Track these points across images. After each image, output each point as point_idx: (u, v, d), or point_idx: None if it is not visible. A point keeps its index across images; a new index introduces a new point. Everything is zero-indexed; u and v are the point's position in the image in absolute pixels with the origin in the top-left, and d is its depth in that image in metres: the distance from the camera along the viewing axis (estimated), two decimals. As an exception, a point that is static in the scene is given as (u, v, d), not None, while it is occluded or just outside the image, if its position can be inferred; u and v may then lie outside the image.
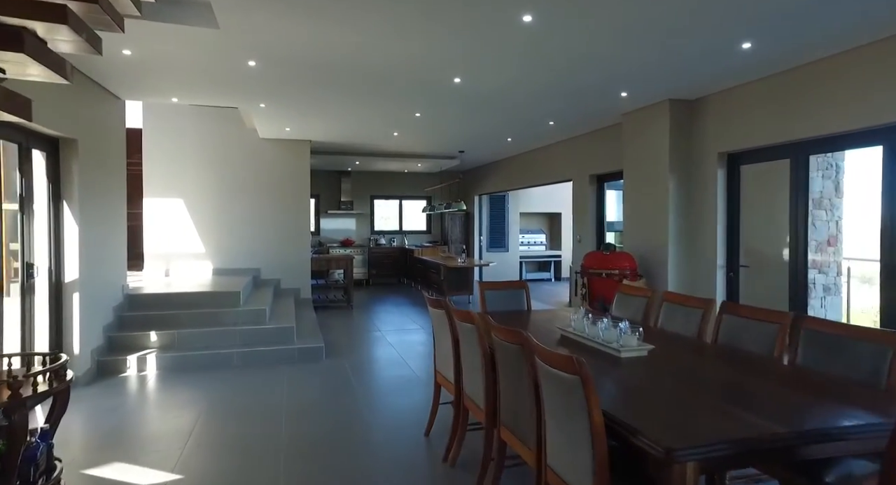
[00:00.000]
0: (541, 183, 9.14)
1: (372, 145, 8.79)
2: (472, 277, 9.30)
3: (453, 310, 2.98)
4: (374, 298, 9.97)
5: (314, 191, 11.75)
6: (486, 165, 11.40)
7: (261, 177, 7.94)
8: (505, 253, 12.50)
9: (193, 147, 7.59)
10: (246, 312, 5.70)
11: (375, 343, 6.24)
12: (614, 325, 2.69)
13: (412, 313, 8.24)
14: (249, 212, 7.89)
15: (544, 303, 9.28)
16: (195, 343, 5.23)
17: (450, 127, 7.06)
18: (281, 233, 8.04)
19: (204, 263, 7.67)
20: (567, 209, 13.59)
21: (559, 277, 13.21)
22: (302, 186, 8.15)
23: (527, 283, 4.15)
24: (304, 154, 8.15)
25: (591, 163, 7.33)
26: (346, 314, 8.18)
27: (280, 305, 6.89)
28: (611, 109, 5.92)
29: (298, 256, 8.13)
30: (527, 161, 9.40)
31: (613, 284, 5.45)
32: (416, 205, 12.94)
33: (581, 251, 7.61)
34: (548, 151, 8.56)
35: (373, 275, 11.82)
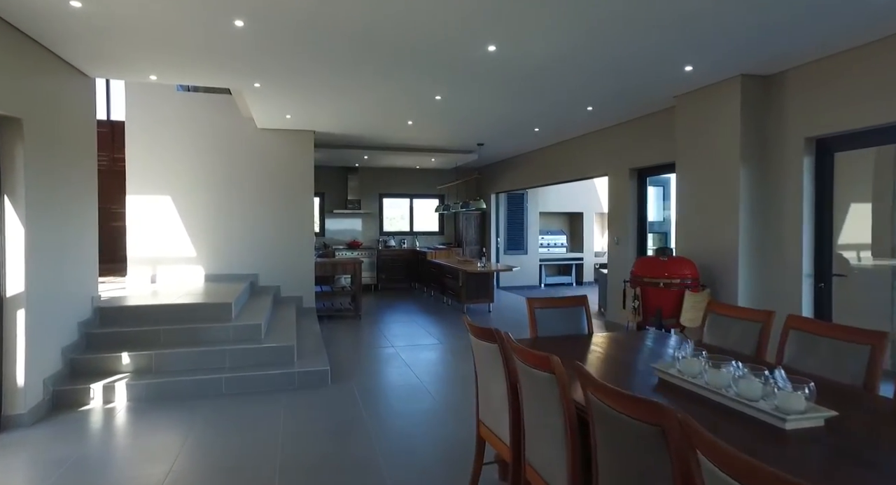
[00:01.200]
0: (569, 179, 8.27)
1: (383, 137, 7.96)
2: (492, 283, 8.44)
3: (515, 347, 2.11)
4: (383, 305, 9.13)
5: (319, 189, 10.95)
6: (505, 161, 10.53)
7: (259, 172, 7.11)
8: (523, 256, 11.65)
9: (183, 138, 6.78)
10: (238, 328, 4.86)
11: (388, 362, 5.39)
12: (756, 373, 1.82)
13: (426, 323, 7.39)
14: (246, 211, 7.07)
15: None
16: (176, 366, 4.40)
17: (472, 114, 6.20)
18: (281, 235, 7.22)
19: (195, 268, 6.85)
20: (589, 209, 12.74)
21: (581, 282, 12.33)
22: (305, 183, 7.31)
23: (586, 298, 3.28)
24: (308, 147, 7.32)
25: (632, 155, 6.45)
26: (354, 325, 7.33)
27: (279, 318, 6.06)
28: (663, 91, 5.05)
29: (301, 261, 7.31)
30: (554, 155, 8.53)
31: (672, 296, 4.58)
32: (428, 204, 12.09)
33: (619, 255, 6.74)
34: (580, 143, 7.68)
35: (382, 279, 10.98)
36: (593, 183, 12.34)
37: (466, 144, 8.64)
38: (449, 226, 12.22)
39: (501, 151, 9.32)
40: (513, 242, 11.59)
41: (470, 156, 9.43)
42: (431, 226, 12.20)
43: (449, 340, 6.37)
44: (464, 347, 5.97)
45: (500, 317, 7.94)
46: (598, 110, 5.94)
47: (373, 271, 10.89)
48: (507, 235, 11.52)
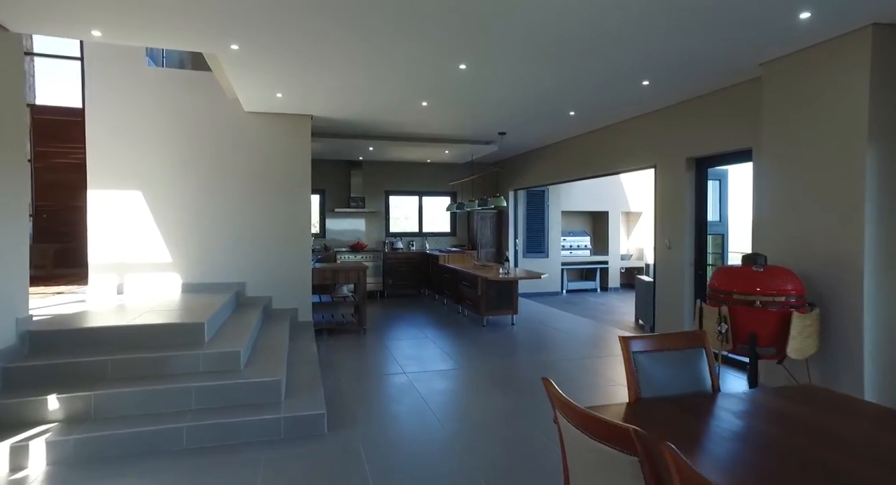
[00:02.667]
0: (605, 172, 7.18)
1: (391, 124, 6.90)
2: (515, 291, 7.37)
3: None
4: (390, 315, 8.08)
5: (319, 185, 9.91)
6: (526, 154, 9.45)
7: (248, 164, 6.07)
8: (544, 259, 10.58)
9: (156, 123, 5.74)
10: (211, 357, 3.81)
11: (400, 395, 4.33)
12: None
13: (441, 340, 6.33)
14: (232, 210, 6.03)
15: (597, 320, 7.35)
16: (124, 410, 3.35)
17: (500, 92, 5.14)
18: (273, 237, 6.17)
19: (170, 276, 5.81)
20: (615, 207, 11.62)
21: (605, 287, 11.26)
22: (301, 177, 6.27)
23: (704, 336, 2.20)
24: (304, 134, 6.27)
25: (691, 142, 5.37)
26: (358, 342, 6.28)
27: (268, 338, 5.01)
28: (747, 57, 3.97)
29: (296, 268, 6.26)
30: (588, 145, 7.45)
31: (772, 319, 3.51)
32: (439, 202, 11.03)
33: (670, 261, 5.66)
34: (622, 129, 6.60)
35: (388, 285, 9.93)
36: (619, 179, 11.27)
37: (486, 134, 7.58)
38: (462, 226, 11.16)
39: (524, 141, 8.25)
40: (533, 243, 10.53)
41: (488, 147, 8.37)
42: (443, 226, 11.14)
43: (470, 364, 5.30)
44: (490, 375, 4.91)
45: (526, 332, 6.88)
46: (654, 86, 4.86)
47: (378, 276, 9.84)
48: (526, 236, 10.45)
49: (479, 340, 6.40)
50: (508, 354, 5.69)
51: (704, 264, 5.45)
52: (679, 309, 5.58)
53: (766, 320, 3.52)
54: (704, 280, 5.45)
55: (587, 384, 4.60)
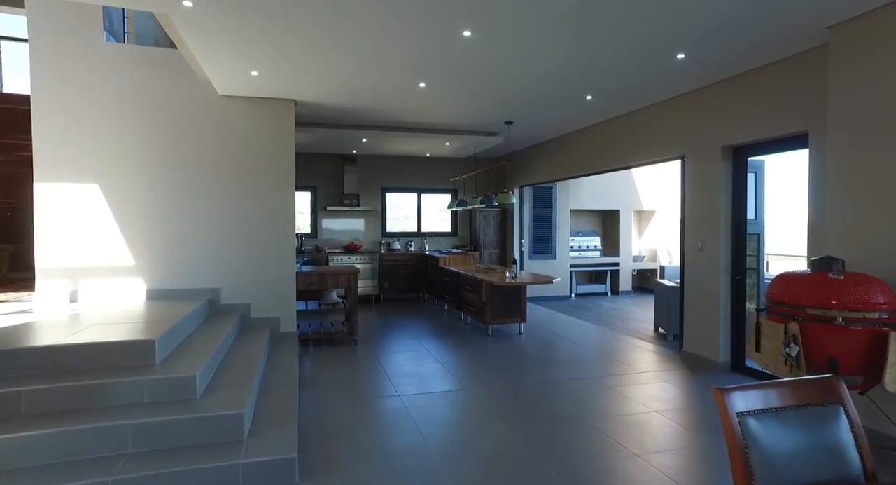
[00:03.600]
0: (624, 165, 6.47)
1: (386, 112, 6.19)
2: (523, 297, 6.66)
3: None
4: (386, 322, 7.36)
5: (310, 181, 9.22)
6: (534, 147, 8.74)
7: (222, 155, 5.36)
8: (551, 261, 9.88)
9: (116, 108, 5.03)
10: (159, 384, 3.10)
11: (393, 427, 3.62)
12: None
13: (441, 353, 5.62)
14: (204, 206, 5.32)
15: (612, 328, 6.62)
16: (36, 458, 2.64)
17: (508, 70, 4.43)
18: (253, 237, 5.46)
19: (133, 281, 5.10)
20: (627, 205, 10.87)
21: (616, 291, 10.55)
22: (284, 169, 5.56)
23: (840, 386, 1.48)
24: (287, 121, 5.56)
25: (729, 127, 4.66)
26: (348, 356, 5.57)
27: (240, 354, 4.30)
28: (813, 19, 3.27)
29: (278, 272, 5.55)
30: (604, 135, 6.73)
31: (858, 340, 2.81)
32: (439, 200, 10.32)
33: (701, 265, 4.95)
34: (645, 116, 5.88)
35: (385, 289, 9.22)
36: (631, 175, 10.57)
37: (490, 123, 6.87)
38: (463, 226, 10.45)
39: (532, 133, 7.54)
40: (539, 244, 9.81)
41: (492, 139, 7.66)
42: (443, 226, 10.42)
43: (474, 383, 4.59)
44: (498, 400, 4.19)
45: (536, 342, 6.16)
46: (691, 61, 4.15)
47: (374, 279, 9.13)
48: (532, 236, 9.74)
49: (484, 352, 5.69)
50: (518, 371, 4.98)
51: (744, 269, 4.74)
52: (712, 319, 4.87)
53: (851, 341, 2.80)
54: (743, 287, 4.74)
55: (617, 411, 3.88)
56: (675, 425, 3.63)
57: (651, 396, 4.23)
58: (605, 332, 6.86)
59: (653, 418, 3.73)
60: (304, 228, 9.50)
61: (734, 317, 4.80)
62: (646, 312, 8.59)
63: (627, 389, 4.40)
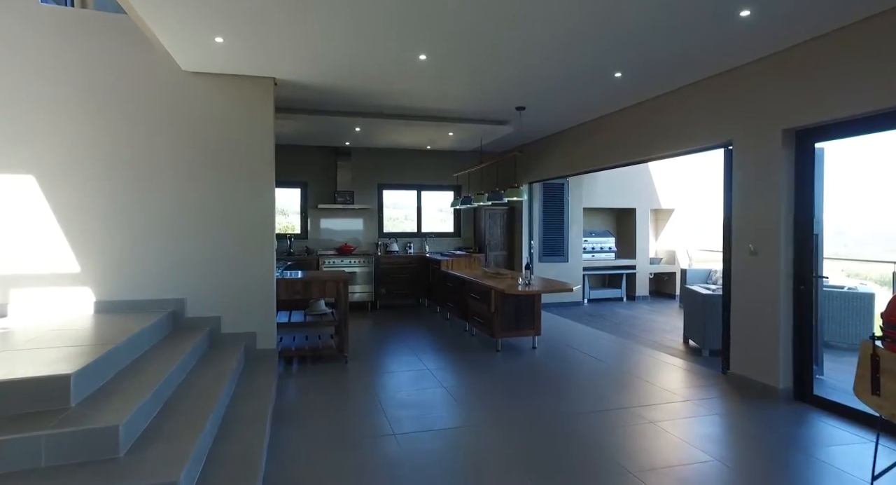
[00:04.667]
0: (653, 156, 5.64)
1: (382, 94, 5.38)
2: (538, 307, 5.86)
3: None
4: (382, 333, 6.56)
5: (300, 177, 8.43)
6: (546, 139, 7.94)
7: (187, 143, 4.57)
8: (563, 263, 9.09)
9: (57, 86, 4.23)
10: (67, 441, 2.30)
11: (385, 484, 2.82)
12: None
13: (444, 372, 4.81)
14: (166, 202, 4.52)
15: (636, 341, 5.78)
16: None
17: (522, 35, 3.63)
18: (224, 239, 4.67)
19: (79, 292, 4.30)
20: (643, 203, 10.00)
21: (633, 296, 9.75)
22: (260, 160, 4.76)
23: None
24: (265, 104, 4.76)
25: (795, 104, 3.86)
26: (336, 377, 4.77)
27: (197, 382, 3.50)
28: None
29: (254, 279, 4.75)
30: (632, 121, 5.92)
31: None
32: (441, 198, 9.52)
33: (753, 272, 4.14)
34: (684, 96, 5.07)
35: (381, 295, 8.42)
36: (648, 170, 9.77)
37: (499, 109, 6.06)
38: (467, 225, 9.64)
39: (546, 121, 6.73)
40: (550, 245, 9.02)
41: (501, 129, 6.86)
42: (445, 226, 9.62)
43: (484, 416, 3.79)
44: (514, 442, 3.38)
45: (553, 359, 5.35)
46: (759, 16, 3.35)
47: (370, 284, 8.33)
48: (542, 236, 8.94)
49: (495, 372, 4.89)
50: (536, 398, 4.18)
51: (811, 277, 3.93)
52: (769, 337, 4.07)
53: None
54: (809, 299, 3.94)
55: (667, 459, 3.07)
56: (749, 482, 2.82)
57: (704, 435, 3.43)
58: (628, 345, 6.06)
59: (714, 470, 2.93)
60: (294, 228, 8.71)
61: (797, 335, 4.00)
62: (668, 320, 7.80)
63: (673, 425, 3.59)
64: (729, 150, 4.55)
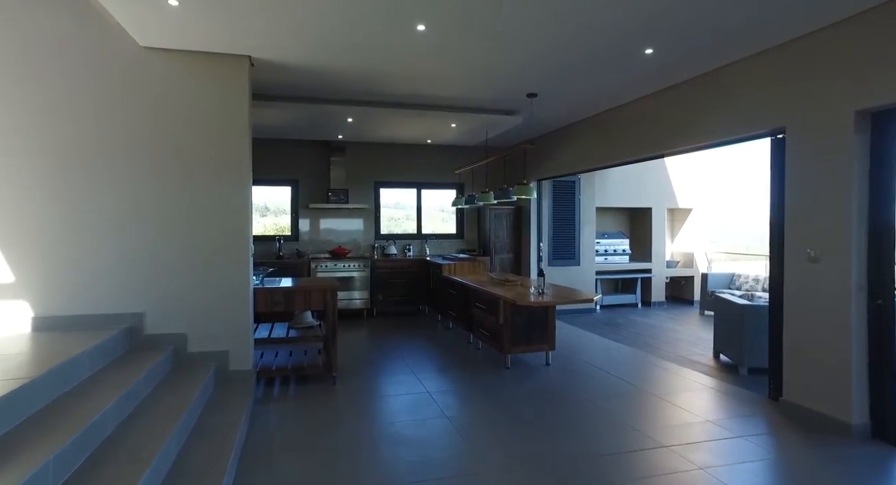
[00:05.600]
0: (687, 147, 4.96)
1: (376, 76, 4.70)
2: (552, 318, 5.19)
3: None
4: (377, 346, 5.89)
5: (290, 174, 7.79)
6: (558, 131, 7.26)
7: (145, 132, 3.90)
8: (574, 267, 8.43)
9: (-12, 59, 3.58)
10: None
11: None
12: None
13: (447, 395, 4.15)
14: (122, 201, 3.86)
15: (660, 355, 5.10)
16: None
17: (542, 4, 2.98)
18: (191, 245, 4.00)
19: (13, 306, 3.64)
20: (659, 202, 9.28)
21: (648, 301, 9.08)
22: (234, 152, 4.09)
23: None
24: (239, 87, 4.09)
25: (873, 80, 3.19)
26: (322, 402, 4.11)
27: (145, 417, 2.84)
28: None
29: (227, 289, 4.08)
30: (660, 108, 5.25)
31: None
32: (442, 196, 8.86)
33: (813, 282, 3.47)
34: (725, 76, 4.39)
35: (378, 301, 7.75)
36: (664, 165, 9.09)
37: (508, 97, 5.39)
38: (470, 226, 8.97)
39: (560, 110, 6.06)
40: (561, 248, 8.35)
41: (509, 120, 6.19)
42: (447, 226, 8.95)
43: (499, 457, 3.11)
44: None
45: (570, 379, 4.68)
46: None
47: (365, 290, 7.67)
48: (552, 238, 8.27)
49: (505, 397, 4.22)
50: (554, 434, 3.50)
51: (892, 289, 3.26)
52: (837, 361, 3.39)
53: None
54: (892, 319, 3.26)
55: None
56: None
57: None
58: (651, 361, 5.39)
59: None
60: (285, 229, 8.06)
61: (875, 359, 3.32)
62: (689, 329, 7.13)
63: (732, 476, 2.91)
64: (779, 138, 3.88)
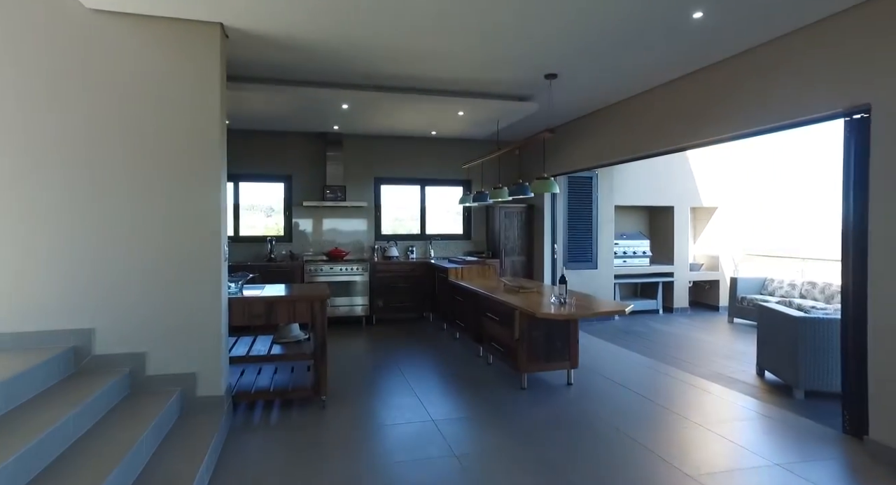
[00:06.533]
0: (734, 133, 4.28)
1: (371, 50, 4.06)
2: (576, 332, 4.54)
3: None
4: (376, 359, 5.25)
5: (282, 170, 7.18)
6: (577, 121, 6.60)
7: (94, 113, 3.27)
8: (591, 270, 7.77)
9: None
10: None
11: None
12: None
13: (458, 426, 3.49)
14: (62, 198, 3.23)
15: (694, 372, 4.40)
16: None
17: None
18: (151, 249, 3.37)
19: (-69, 322, 3.02)
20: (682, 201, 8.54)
21: (670, 307, 8.39)
22: (204, 141, 3.45)
23: None
24: (208, 61, 3.45)
25: None
26: (308, 434, 3.46)
27: (86, 452, 2.20)
28: None
29: (195, 300, 3.44)
30: (701, 88, 4.57)
31: None
32: (448, 193, 8.21)
33: None
34: (792, 44, 3.72)
35: (378, 308, 7.11)
36: (686, 160, 8.41)
37: (523, 79, 4.73)
38: (478, 226, 8.31)
39: (581, 94, 5.39)
40: (577, 249, 7.69)
41: (524, 107, 5.53)
42: (453, 226, 8.30)
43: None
44: None
45: (594, 401, 4.01)
46: None
47: (364, 295, 7.03)
48: (567, 239, 7.61)
49: (521, 425, 3.56)
50: (588, 475, 2.84)
51: None
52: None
53: None
54: None
55: None
56: None
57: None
58: (685, 378, 4.73)
59: None
60: (279, 228, 7.43)
61: None
62: (720, 340, 6.45)
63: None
64: (858, 119, 3.21)
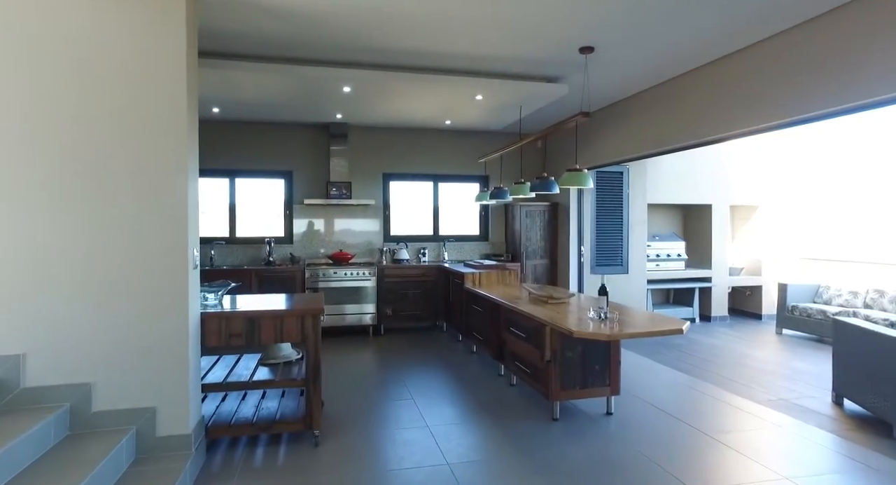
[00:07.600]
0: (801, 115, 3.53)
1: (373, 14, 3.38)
2: (617, 354, 3.81)
3: None
4: (383, 378, 4.56)
5: (283, 165, 6.55)
6: (610, 108, 5.87)
7: (19, 86, 2.63)
8: (622, 275, 7.02)
9: None
10: None
11: None
12: None
13: (477, 470, 2.79)
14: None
15: (752, 397, 3.61)
16: None
17: None
18: (97, 258, 2.72)
19: None
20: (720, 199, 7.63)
21: (707, 316, 7.62)
22: (166, 124, 2.80)
23: None
24: (172, 27, 2.79)
25: None
26: (295, 480, 2.79)
27: None
28: None
29: (156, 317, 2.79)
30: (758, 63, 3.81)
31: None
32: (463, 190, 7.51)
33: None
34: (883, 8, 2.98)
35: (387, 316, 6.43)
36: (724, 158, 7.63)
37: (554, 55, 4.01)
38: (497, 226, 7.59)
39: (619, 72, 4.67)
40: (605, 253, 6.95)
41: (552, 89, 4.82)
42: (468, 226, 7.59)
43: None
44: None
45: (640, 436, 3.28)
46: None
47: (372, 302, 6.36)
48: (595, 240, 6.88)
49: (556, 469, 2.85)
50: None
51: None
52: None
53: None
54: None
55: None
56: None
57: None
58: (745, 405, 3.99)
59: None
60: (275, 229, 6.80)
61: None
62: (773, 356, 5.67)
63: None
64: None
